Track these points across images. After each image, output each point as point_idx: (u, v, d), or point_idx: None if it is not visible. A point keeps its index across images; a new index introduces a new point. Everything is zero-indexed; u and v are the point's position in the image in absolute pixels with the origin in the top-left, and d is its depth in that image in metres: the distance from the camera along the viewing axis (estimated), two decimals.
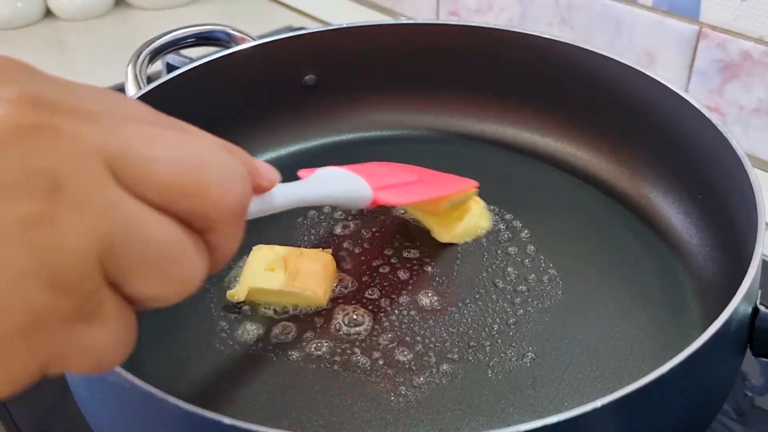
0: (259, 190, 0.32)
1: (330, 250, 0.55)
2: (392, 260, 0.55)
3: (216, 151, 0.26)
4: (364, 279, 0.53)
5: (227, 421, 0.32)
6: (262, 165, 0.32)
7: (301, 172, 0.46)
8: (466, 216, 0.57)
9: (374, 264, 0.55)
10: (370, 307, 0.51)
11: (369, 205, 0.48)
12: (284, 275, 0.51)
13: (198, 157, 0.25)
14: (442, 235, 0.57)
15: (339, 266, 0.54)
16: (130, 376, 0.35)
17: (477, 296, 0.52)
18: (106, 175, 0.23)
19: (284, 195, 0.37)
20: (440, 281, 0.53)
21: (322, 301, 0.51)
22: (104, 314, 0.23)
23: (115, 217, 0.22)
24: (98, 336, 0.23)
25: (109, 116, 0.24)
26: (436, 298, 0.52)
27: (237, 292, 0.51)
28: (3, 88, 0.22)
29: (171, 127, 0.26)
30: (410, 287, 0.53)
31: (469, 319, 0.50)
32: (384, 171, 0.52)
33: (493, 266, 0.55)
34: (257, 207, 0.33)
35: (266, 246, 0.53)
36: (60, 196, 0.21)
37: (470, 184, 0.58)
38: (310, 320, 0.50)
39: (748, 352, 0.43)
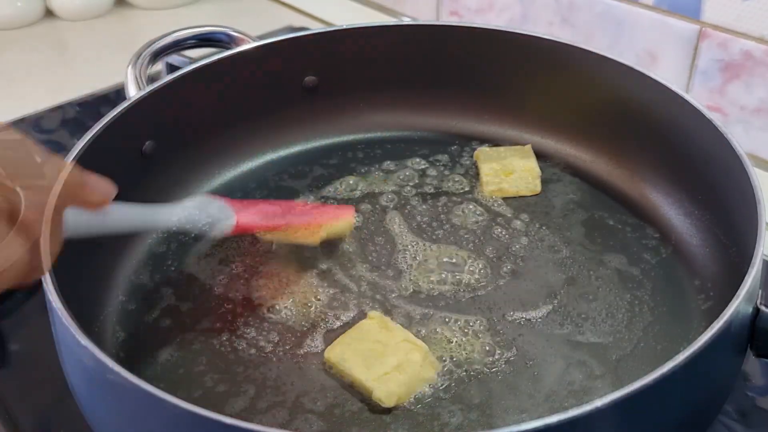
0: (88, 205, 0.30)
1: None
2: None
3: None
4: (366, 283, 0.54)
5: (227, 420, 0.32)
6: (94, 180, 0.30)
7: None
8: (402, 368, 0.45)
9: (377, 265, 0.55)
10: (370, 308, 0.51)
11: (233, 230, 0.50)
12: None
13: None
14: (385, 397, 0.44)
15: (343, 269, 0.55)
16: (130, 376, 0.35)
17: (476, 296, 0.52)
18: None
19: (122, 213, 0.35)
20: (440, 280, 0.54)
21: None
22: None
23: None
24: None
25: None
26: (436, 298, 0.52)
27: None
28: None
29: None
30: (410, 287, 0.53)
31: (470, 319, 0.50)
32: (251, 202, 0.54)
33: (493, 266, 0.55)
34: (89, 223, 0.31)
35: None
36: None
37: (346, 213, 0.57)
38: (311, 322, 0.50)
39: (749, 353, 0.43)
